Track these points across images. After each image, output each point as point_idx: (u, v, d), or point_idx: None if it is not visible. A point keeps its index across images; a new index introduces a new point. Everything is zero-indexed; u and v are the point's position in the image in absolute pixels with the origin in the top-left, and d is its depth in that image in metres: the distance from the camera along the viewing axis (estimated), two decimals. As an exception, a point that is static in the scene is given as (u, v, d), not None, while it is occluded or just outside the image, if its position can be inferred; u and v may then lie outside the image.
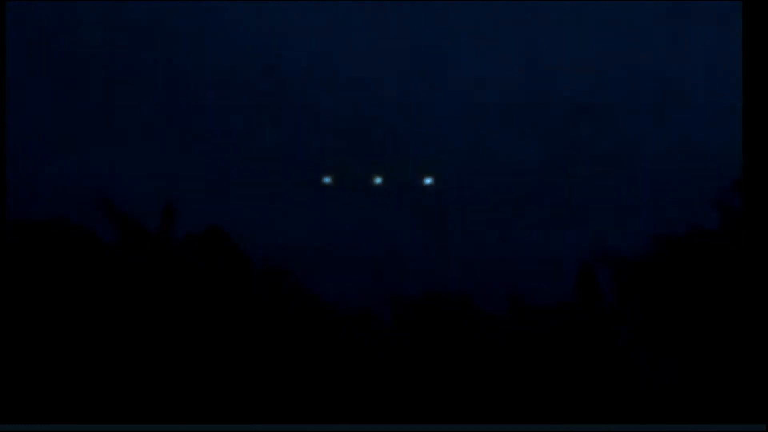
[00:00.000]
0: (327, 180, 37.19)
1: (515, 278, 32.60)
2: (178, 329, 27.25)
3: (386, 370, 29.35)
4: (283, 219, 38.95)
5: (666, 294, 25.92)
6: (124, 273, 27.65)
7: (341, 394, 27.93)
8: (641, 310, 26.40)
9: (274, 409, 26.88)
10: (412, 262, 35.45)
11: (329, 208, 36.85)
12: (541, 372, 27.57)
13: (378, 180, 36.65)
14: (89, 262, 27.66)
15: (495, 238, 37.22)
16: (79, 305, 26.79)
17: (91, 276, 27.33)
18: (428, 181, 36.88)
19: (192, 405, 26.28)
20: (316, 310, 30.99)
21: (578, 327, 28.73)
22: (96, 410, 25.34)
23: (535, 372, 27.72)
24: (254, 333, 28.24)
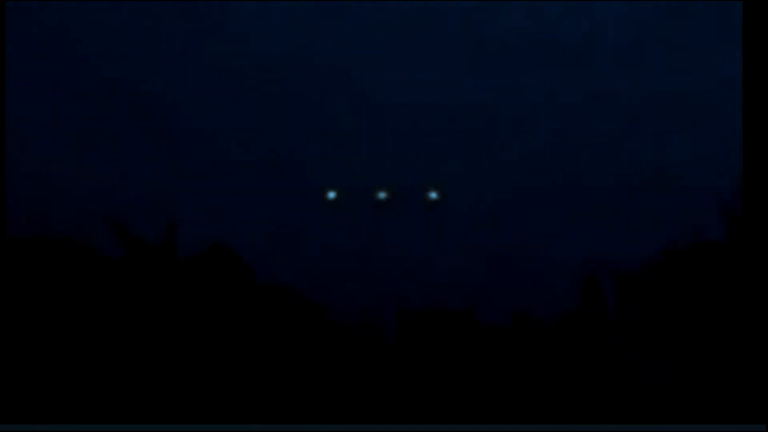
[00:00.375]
0: (332, 195, 37.12)
1: (519, 286, 32.56)
2: (182, 344, 27.40)
3: (389, 383, 29.37)
4: (284, 231, 38.84)
5: (668, 302, 25.92)
6: (129, 289, 27.82)
7: (343, 407, 27.98)
8: (643, 319, 26.41)
9: (277, 421, 26.98)
10: (418, 274, 35.43)
11: (333, 220, 36.84)
12: (543, 382, 27.56)
13: (382, 195, 36.52)
14: (94, 278, 27.87)
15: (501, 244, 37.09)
16: (83, 320, 26.99)
17: (96, 292, 27.53)
18: (433, 195, 36.79)
19: (195, 413, 26.40)
20: (319, 323, 31.05)
21: (581, 339, 28.72)
22: (100, 422, 25.52)
23: (537, 382, 27.71)
24: (258, 346, 28.37)
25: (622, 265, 27.90)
